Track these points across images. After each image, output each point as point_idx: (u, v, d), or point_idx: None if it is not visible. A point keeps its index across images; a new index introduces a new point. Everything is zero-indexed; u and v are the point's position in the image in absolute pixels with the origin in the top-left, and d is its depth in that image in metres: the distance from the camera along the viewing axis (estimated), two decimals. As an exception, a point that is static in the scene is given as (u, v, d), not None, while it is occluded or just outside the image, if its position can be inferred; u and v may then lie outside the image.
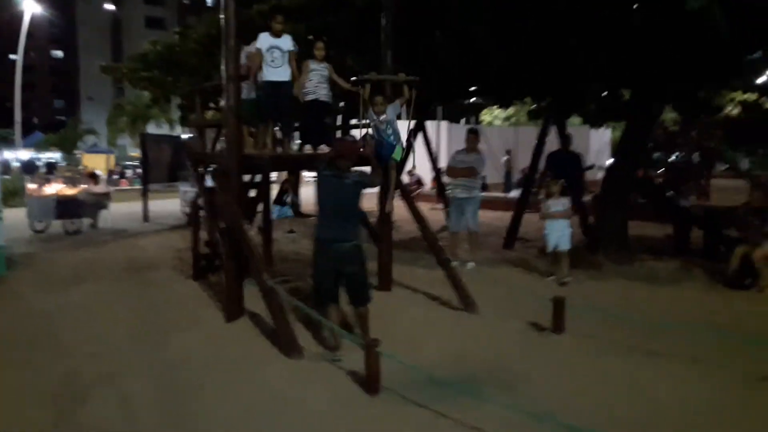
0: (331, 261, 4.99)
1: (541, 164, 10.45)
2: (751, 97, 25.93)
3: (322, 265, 5.08)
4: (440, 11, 8.23)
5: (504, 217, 11.63)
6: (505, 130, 29.45)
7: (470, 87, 10.74)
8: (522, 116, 29.98)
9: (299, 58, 6.73)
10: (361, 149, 6.23)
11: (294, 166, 8.25)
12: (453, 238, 8.77)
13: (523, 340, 5.51)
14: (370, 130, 6.68)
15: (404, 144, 6.90)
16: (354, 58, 9.58)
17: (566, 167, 8.92)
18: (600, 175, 13.75)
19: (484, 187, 19.05)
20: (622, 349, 5.16)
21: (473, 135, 8.71)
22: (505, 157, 22.01)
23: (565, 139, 10.10)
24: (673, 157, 18.75)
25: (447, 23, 8.39)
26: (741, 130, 26.26)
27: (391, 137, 6.51)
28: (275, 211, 12.45)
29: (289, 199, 12.64)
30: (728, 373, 4.64)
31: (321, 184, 5.12)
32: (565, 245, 7.63)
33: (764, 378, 4.53)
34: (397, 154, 6.64)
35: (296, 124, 7.23)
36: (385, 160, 6.53)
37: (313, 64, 6.65)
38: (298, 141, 7.68)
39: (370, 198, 7.29)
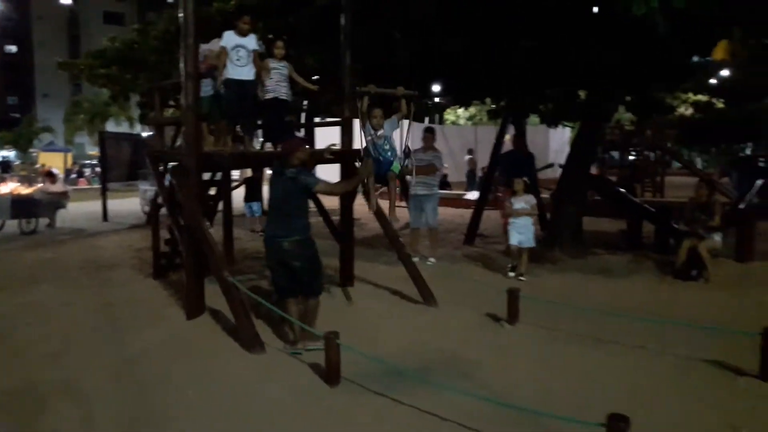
0: (276, 256, 5.10)
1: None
2: (702, 98, 26.91)
3: (270, 261, 5.23)
4: (403, 8, 8.33)
5: (465, 214, 11.86)
6: (464, 129, 29.80)
7: (431, 87, 10.91)
8: (485, 115, 30.52)
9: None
10: (358, 163, 6.20)
11: (255, 163, 8.27)
12: (413, 234, 8.93)
13: (479, 331, 5.70)
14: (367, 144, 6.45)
15: (402, 161, 6.71)
16: (314, 57, 9.65)
17: (522, 167, 9.13)
18: (559, 173, 14.10)
19: (448, 185, 19.29)
20: (572, 338, 5.39)
21: (429, 134, 8.89)
22: (468, 156, 22.33)
23: (519, 139, 10.36)
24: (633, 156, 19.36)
25: (408, 21, 8.52)
26: (694, 130, 27.22)
27: (389, 153, 6.38)
28: (257, 209, 12.21)
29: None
30: (671, 359, 4.89)
31: (270, 182, 5.28)
32: (527, 242, 7.84)
33: (705, 361, 4.81)
34: (395, 169, 6.49)
35: (259, 122, 7.27)
36: (383, 175, 6.46)
37: (272, 63, 6.71)
38: (261, 139, 7.73)
39: (333, 197, 7.39)
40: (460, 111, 34.12)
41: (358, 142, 7.55)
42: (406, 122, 6.56)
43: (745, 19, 6.58)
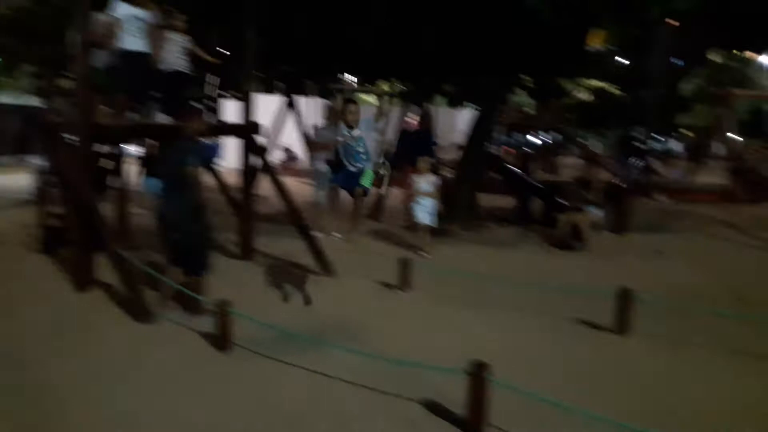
0: (162, 228, 5.24)
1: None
2: (599, 84, 28.38)
3: (158, 230, 5.35)
4: None
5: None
6: (371, 108, 29.93)
7: (334, 65, 11.01)
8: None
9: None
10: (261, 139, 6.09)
11: (148, 136, 8.06)
12: (318, 210, 9.08)
13: (372, 298, 6.03)
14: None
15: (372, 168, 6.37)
16: (217, 32, 9.50)
17: (419, 146, 9.41)
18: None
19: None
20: (458, 302, 5.82)
21: (331, 111, 9.03)
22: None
23: (424, 117, 10.69)
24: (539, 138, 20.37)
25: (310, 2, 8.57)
26: (592, 114, 28.78)
27: (363, 156, 6.10)
28: (154, 185, 11.73)
29: None
30: (544, 318, 5.42)
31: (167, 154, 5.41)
32: (429, 221, 8.14)
33: (573, 320, 5.36)
34: (367, 180, 6.20)
35: (157, 95, 7.14)
36: (354, 186, 6.26)
37: (172, 35, 6.63)
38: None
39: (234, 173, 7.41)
40: (374, 91, 34.30)
41: (260, 117, 7.61)
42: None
43: (612, 9, 7.14)
